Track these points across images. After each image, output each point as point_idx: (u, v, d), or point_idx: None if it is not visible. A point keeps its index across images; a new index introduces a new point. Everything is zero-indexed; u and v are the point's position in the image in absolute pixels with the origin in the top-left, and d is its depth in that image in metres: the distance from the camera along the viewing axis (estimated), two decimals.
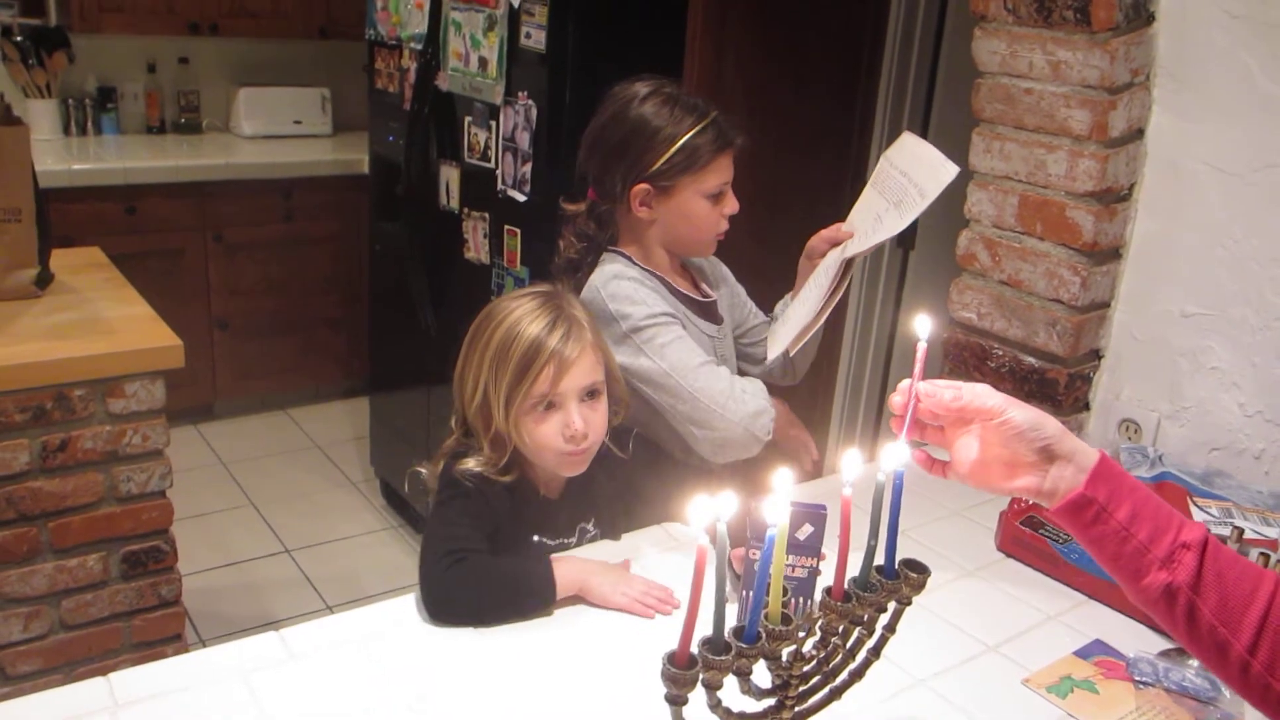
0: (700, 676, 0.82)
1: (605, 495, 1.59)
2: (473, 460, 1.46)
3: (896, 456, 0.90)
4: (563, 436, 1.44)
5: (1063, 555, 1.54)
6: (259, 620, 2.95)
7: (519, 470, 1.49)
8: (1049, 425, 0.99)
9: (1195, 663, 1.32)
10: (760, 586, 0.81)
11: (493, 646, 1.31)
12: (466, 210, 3.02)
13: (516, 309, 1.46)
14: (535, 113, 2.69)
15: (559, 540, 1.54)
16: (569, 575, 1.37)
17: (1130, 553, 0.94)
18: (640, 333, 1.65)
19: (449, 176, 3.07)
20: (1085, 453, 0.98)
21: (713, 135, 1.66)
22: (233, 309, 4.05)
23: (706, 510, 0.77)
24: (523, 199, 2.78)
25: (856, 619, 0.92)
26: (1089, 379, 1.91)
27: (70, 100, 4.00)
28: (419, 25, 3.04)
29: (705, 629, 0.83)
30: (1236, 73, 1.66)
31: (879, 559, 0.93)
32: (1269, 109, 1.63)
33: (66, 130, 4.01)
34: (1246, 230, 1.68)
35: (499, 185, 2.85)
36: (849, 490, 0.85)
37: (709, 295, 1.84)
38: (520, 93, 2.72)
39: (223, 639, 1.30)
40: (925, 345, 1.01)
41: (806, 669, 0.92)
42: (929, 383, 1.02)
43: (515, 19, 2.69)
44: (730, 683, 0.85)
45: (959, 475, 1.04)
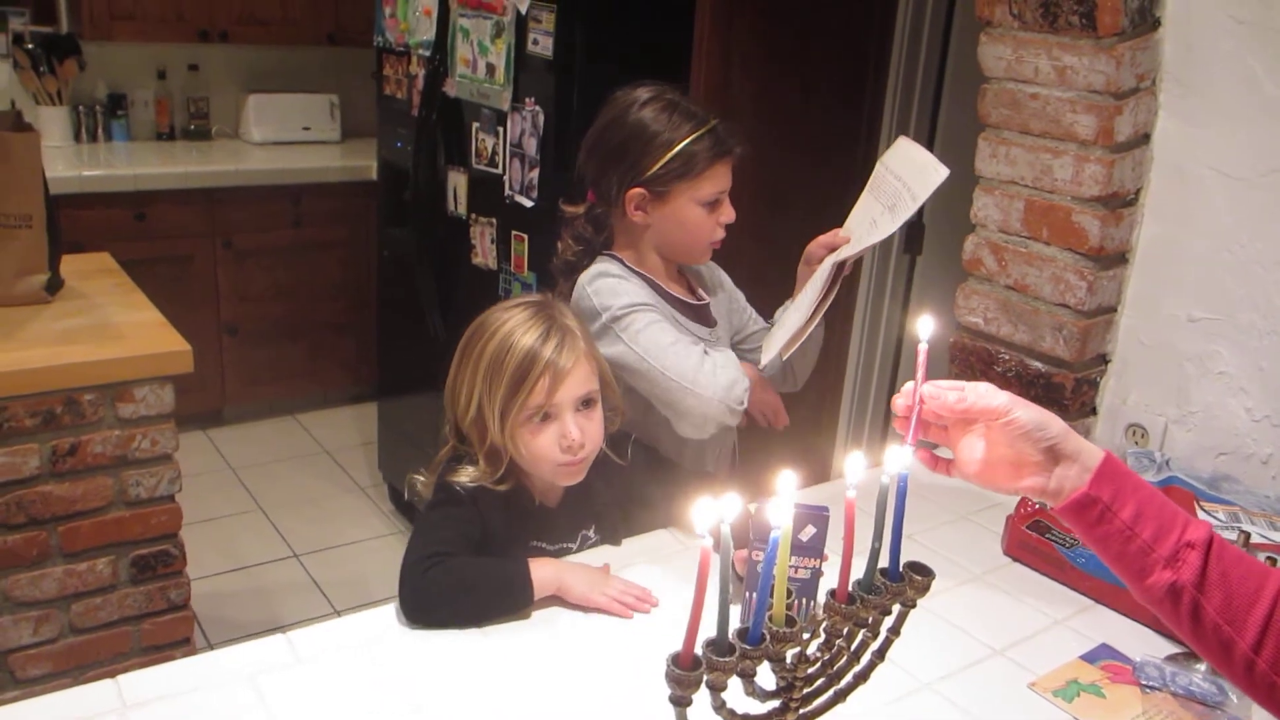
0: (704, 678, 0.82)
1: (605, 502, 1.59)
2: (468, 472, 1.46)
3: (900, 459, 0.91)
4: (559, 447, 1.44)
5: (1069, 559, 1.54)
6: (267, 625, 2.96)
7: (515, 480, 1.49)
8: (1054, 425, 0.99)
9: (1202, 667, 1.32)
10: (764, 588, 0.82)
11: (494, 647, 1.31)
12: (474, 216, 3.03)
13: (509, 320, 1.46)
14: (542, 118, 2.69)
15: (560, 546, 1.54)
16: (546, 576, 1.38)
17: (1135, 552, 0.94)
18: (619, 321, 1.65)
19: (456, 182, 3.08)
20: (1090, 452, 0.99)
21: (710, 143, 1.66)
22: (242, 315, 4.06)
23: (710, 512, 0.77)
24: (530, 204, 2.79)
25: (861, 621, 0.92)
26: (1096, 384, 1.91)
27: (81, 107, 4.03)
28: (427, 32, 3.06)
29: (709, 631, 0.83)
30: (1242, 78, 1.66)
31: (883, 561, 0.93)
32: (1275, 114, 1.63)
33: (77, 137, 4.03)
34: (1253, 235, 1.68)
35: (506, 191, 2.86)
36: (853, 492, 0.86)
37: (703, 299, 1.84)
38: (527, 98, 2.73)
39: (231, 643, 1.30)
40: (927, 346, 1.01)
41: (811, 671, 0.92)
42: (933, 384, 1.02)
43: (523, 25, 2.70)
44: (735, 684, 0.86)
45: (963, 474, 1.04)
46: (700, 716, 0.86)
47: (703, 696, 0.84)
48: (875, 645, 0.97)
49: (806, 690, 0.93)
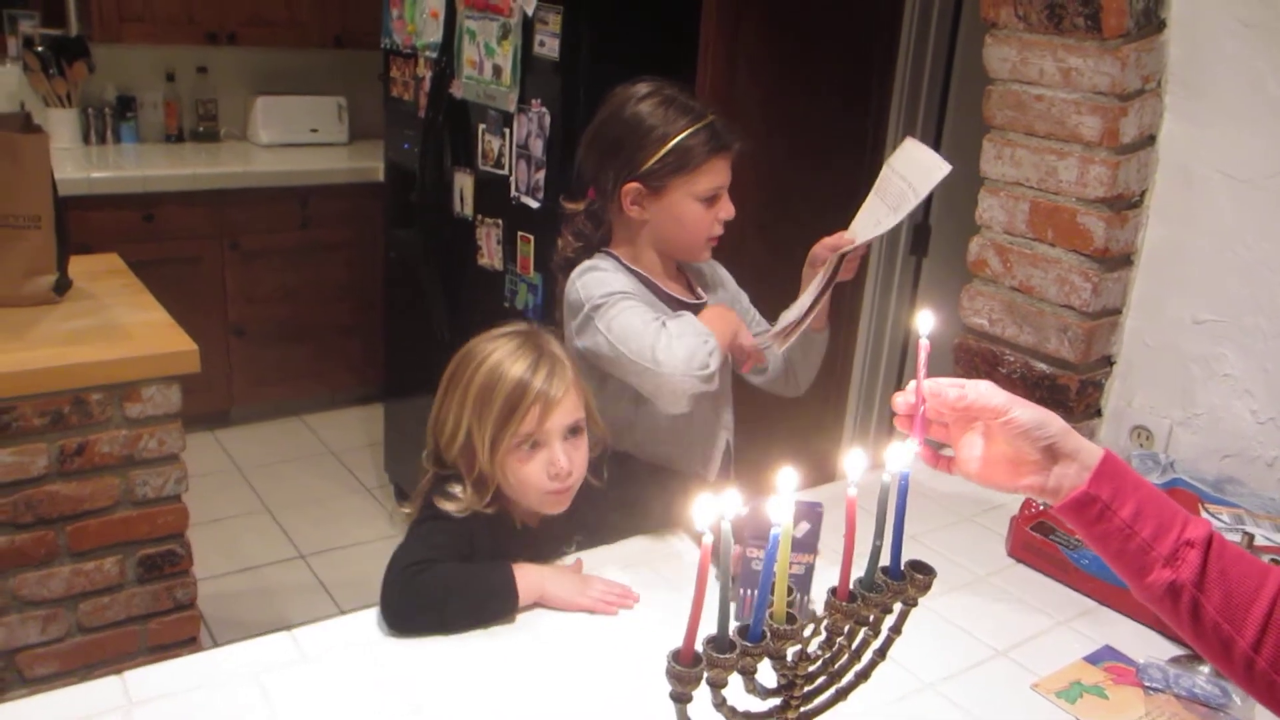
0: (705, 675, 0.82)
1: (583, 522, 1.58)
2: (456, 502, 1.44)
3: (902, 457, 0.91)
4: (547, 475, 1.44)
5: (1073, 561, 1.54)
6: (273, 625, 2.93)
7: (498, 505, 1.48)
8: (1053, 424, 1.00)
9: (1206, 669, 1.31)
10: (765, 585, 0.82)
11: (493, 648, 1.31)
12: (480, 217, 3.03)
13: (496, 350, 1.45)
14: (549, 120, 2.70)
15: (540, 562, 1.52)
16: (530, 583, 1.38)
17: (1134, 550, 0.94)
18: (597, 310, 1.63)
19: (463, 184, 3.09)
20: (1090, 451, 0.99)
21: (706, 137, 1.64)
22: (249, 316, 4.07)
23: (710, 509, 0.77)
24: (536, 205, 2.79)
25: (862, 619, 0.92)
26: (1101, 385, 1.91)
27: (90, 109, 4.04)
28: (434, 34, 3.07)
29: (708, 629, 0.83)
30: (1248, 79, 1.66)
31: (884, 560, 0.93)
32: None
33: (86, 139, 4.05)
34: (1258, 236, 1.68)
35: (512, 192, 2.87)
36: (854, 490, 0.86)
37: (701, 298, 1.82)
38: (534, 100, 2.73)
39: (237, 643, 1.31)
40: (928, 342, 1.01)
41: (812, 669, 0.92)
42: (933, 381, 1.03)
43: (529, 27, 2.71)
44: (736, 682, 0.86)
45: (963, 472, 1.05)
46: (701, 715, 0.87)
47: (703, 694, 0.85)
48: (877, 644, 0.97)
49: (808, 688, 0.93)
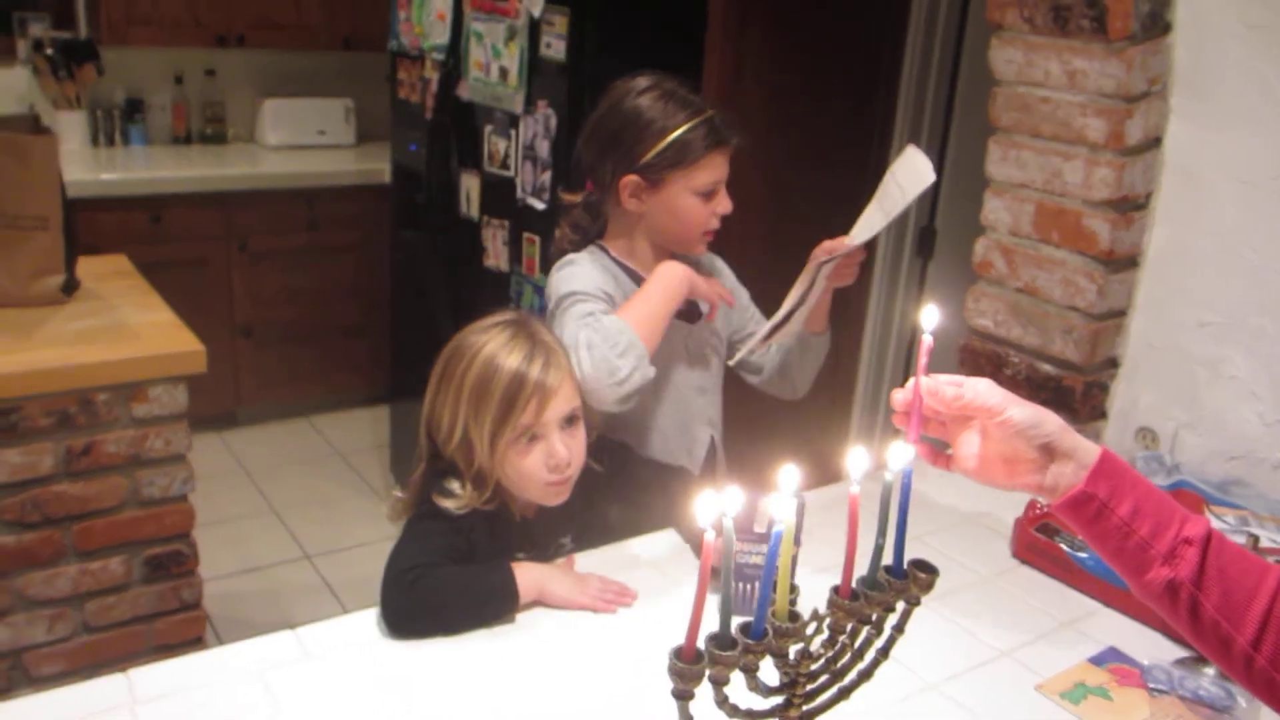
0: (707, 672, 0.83)
1: (579, 509, 1.58)
2: (455, 499, 1.43)
3: (904, 455, 0.91)
4: (547, 466, 1.43)
5: (1077, 562, 1.53)
6: (279, 625, 2.95)
7: (498, 499, 1.47)
8: (1049, 422, 1.00)
9: (1211, 671, 1.31)
10: (767, 582, 0.82)
11: (492, 648, 1.32)
12: (486, 218, 3.04)
13: (489, 342, 1.43)
14: (555, 121, 2.71)
15: (537, 553, 1.53)
16: (529, 582, 1.38)
17: (1132, 548, 0.94)
18: (560, 305, 1.63)
19: (469, 185, 3.09)
20: (1087, 449, 0.99)
21: (705, 132, 1.64)
22: (256, 317, 4.08)
23: (711, 506, 0.77)
24: (542, 207, 2.80)
25: (865, 618, 0.92)
26: (1106, 387, 1.91)
27: (98, 111, 4.06)
28: (441, 36, 3.08)
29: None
30: (1254, 82, 1.66)
31: (887, 558, 0.94)
32: None
33: (94, 141, 4.07)
34: (1264, 239, 1.68)
35: (518, 193, 2.87)
36: (857, 488, 0.86)
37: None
38: (540, 101, 2.74)
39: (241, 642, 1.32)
40: (930, 338, 1.01)
41: (814, 668, 0.92)
42: (932, 379, 1.03)
43: (536, 29, 2.72)
44: (738, 680, 0.86)
45: (962, 470, 1.05)
46: (703, 714, 0.87)
47: (705, 692, 0.85)
48: (880, 643, 0.98)
49: (810, 687, 0.93)
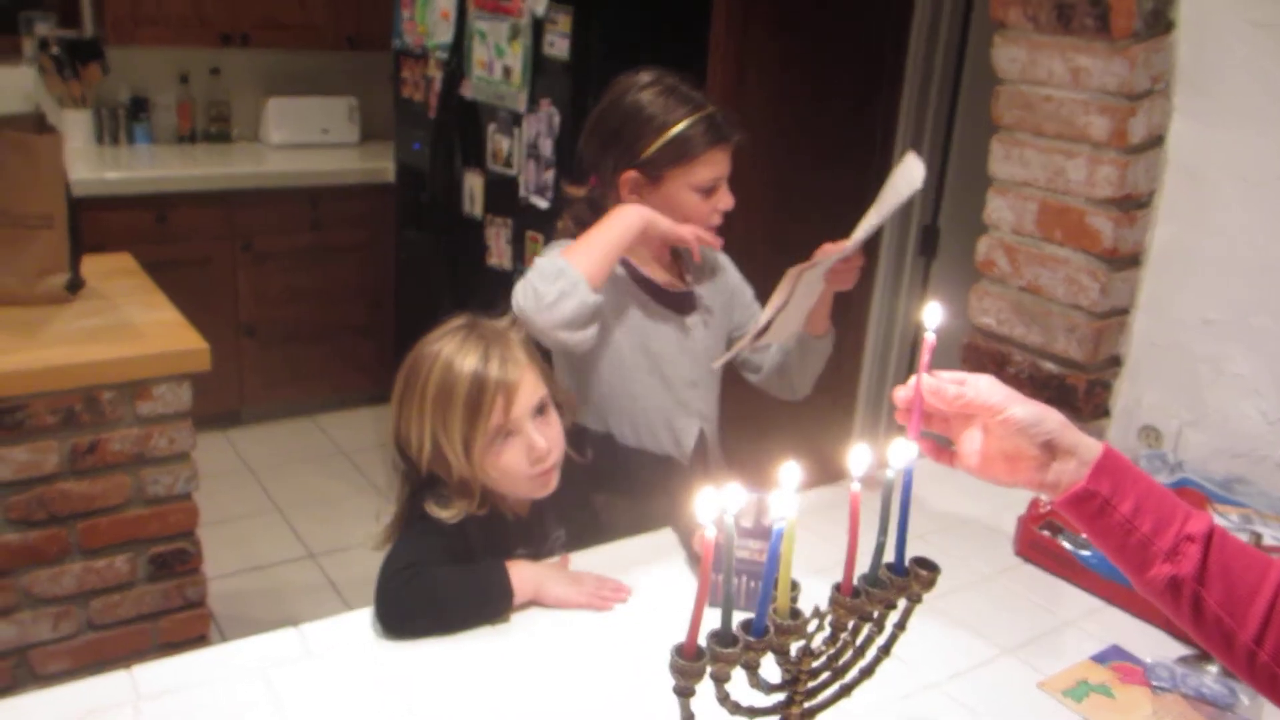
0: (708, 669, 0.83)
1: (571, 502, 1.58)
2: (447, 510, 1.42)
3: (906, 453, 0.91)
4: (529, 460, 1.42)
5: (1080, 560, 1.53)
6: (283, 624, 2.96)
7: (488, 504, 1.46)
8: (1050, 420, 1.00)
9: (1214, 668, 1.31)
10: (768, 580, 0.82)
11: (491, 648, 1.32)
12: (489, 217, 3.04)
13: (443, 349, 1.42)
14: (558, 120, 2.71)
15: (534, 550, 1.53)
16: (524, 581, 1.38)
17: (1134, 545, 0.94)
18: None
19: (472, 184, 3.10)
20: (1089, 446, 0.99)
21: (705, 128, 1.64)
22: (260, 316, 4.09)
23: (711, 504, 0.78)
24: (545, 205, 2.80)
25: (866, 615, 0.93)
26: (1109, 385, 1.91)
27: (104, 110, 4.07)
28: (445, 35, 3.08)
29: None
30: (1258, 80, 1.65)
31: (889, 556, 0.94)
32: None
33: (100, 140, 4.07)
34: (1268, 237, 1.68)
35: (521, 192, 2.88)
36: (858, 486, 0.86)
37: (689, 285, 1.80)
38: (543, 100, 2.74)
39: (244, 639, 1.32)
40: (933, 336, 1.01)
41: (816, 665, 0.92)
42: (934, 377, 1.03)
43: (539, 28, 2.72)
44: (740, 677, 0.86)
45: (964, 467, 1.05)
46: (704, 712, 0.87)
47: (706, 689, 0.85)
48: (881, 640, 0.98)
49: (811, 684, 0.93)
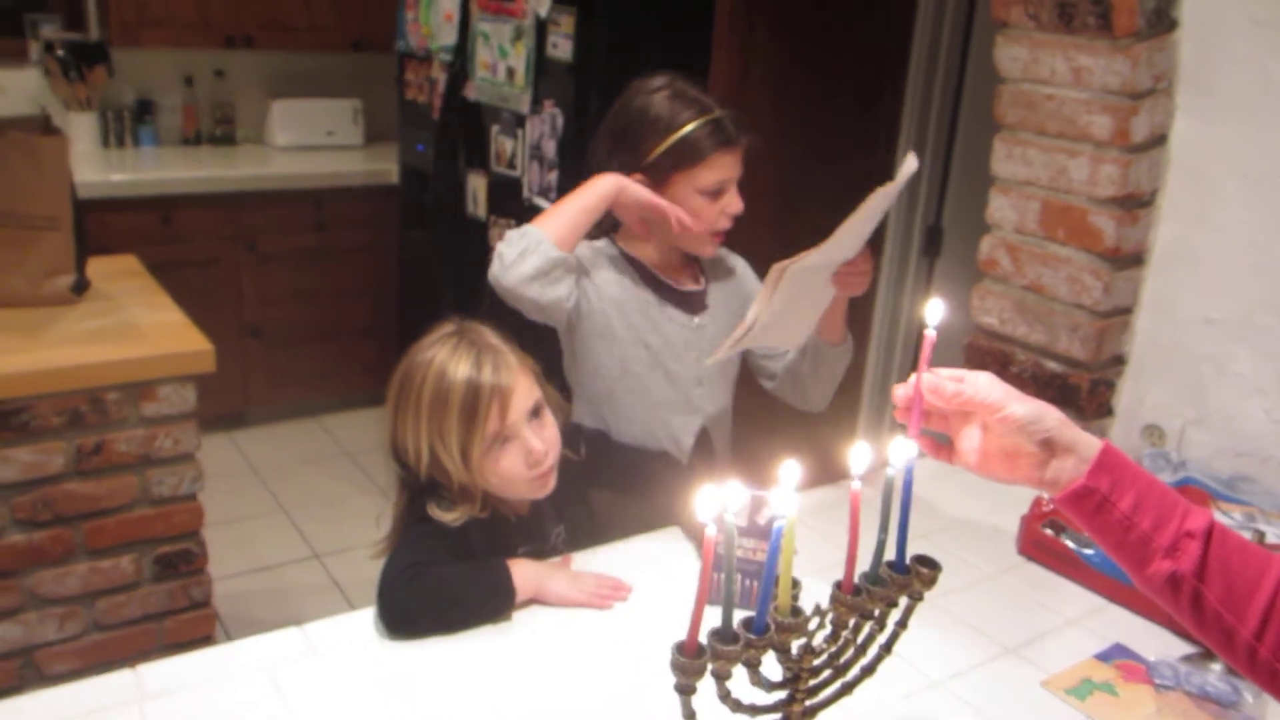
0: (709, 667, 0.83)
1: (568, 499, 1.58)
2: (449, 514, 1.43)
3: (907, 451, 0.91)
4: (527, 464, 1.43)
5: (1084, 559, 1.53)
6: (288, 624, 2.97)
7: (489, 507, 1.47)
8: (1049, 418, 1.00)
9: (1217, 667, 1.31)
10: (769, 578, 0.82)
11: (491, 648, 1.32)
12: (493, 218, 3.05)
13: (435, 357, 1.42)
14: (561, 121, 2.71)
15: (535, 547, 1.54)
16: (525, 580, 1.38)
17: (1134, 542, 0.94)
18: None
19: (476, 185, 3.10)
20: (1088, 443, 0.99)
21: (711, 131, 1.64)
22: (265, 317, 4.10)
23: (712, 502, 0.78)
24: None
25: (867, 613, 0.93)
26: (1112, 384, 1.90)
27: (109, 113, 4.08)
28: (448, 36, 3.09)
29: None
30: (1260, 79, 1.65)
31: (889, 554, 0.94)
32: None
33: (105, 142, 4.09)
34: (1270, 236, 1.67)
35: (525, 193, 2.88)
36: (858, 484, 0.86)
37: (697, 286, 1.80)
38: (547, 101, 2.75)
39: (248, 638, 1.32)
40: (934, 333, 1.01)
41: (817, 663, 0.92)
42: (933, 374, 1.03)
43: (542, 29, 2.72)
44: (741, 675, 0.86)
45: (963, 464, 1.05)
46: (705, 708, 0.87)
47: (707, 687, 0.85)
48: (883, 638, 0.98)
49: (813, 682, 0.93)
